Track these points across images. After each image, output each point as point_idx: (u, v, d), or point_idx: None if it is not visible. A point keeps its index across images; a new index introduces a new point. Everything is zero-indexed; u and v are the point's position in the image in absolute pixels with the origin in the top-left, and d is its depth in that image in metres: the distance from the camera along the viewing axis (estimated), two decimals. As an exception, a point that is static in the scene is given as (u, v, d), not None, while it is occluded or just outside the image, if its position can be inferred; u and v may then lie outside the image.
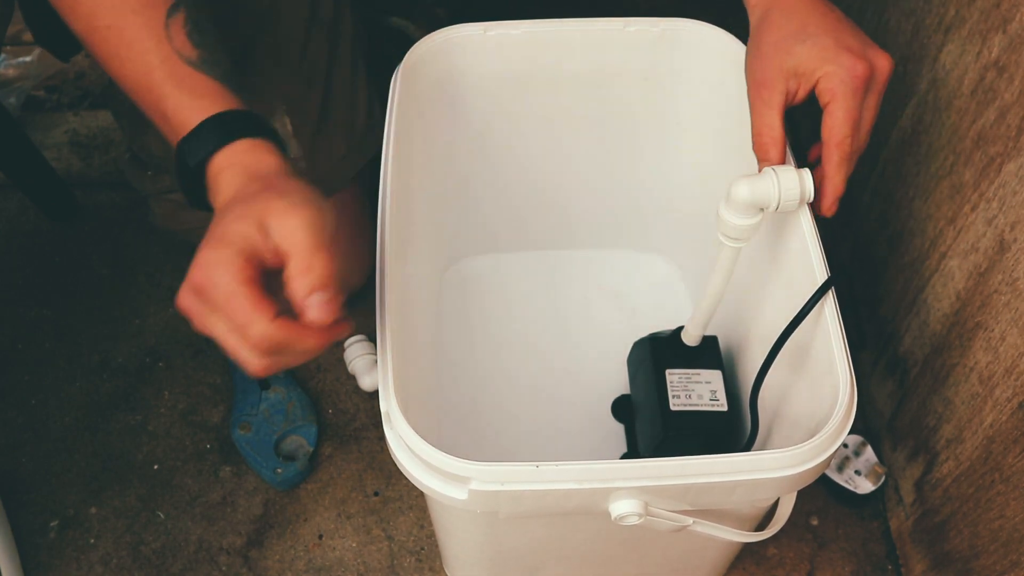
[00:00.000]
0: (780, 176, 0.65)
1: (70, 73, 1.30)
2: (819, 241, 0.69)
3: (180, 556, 0.91)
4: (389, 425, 0.62)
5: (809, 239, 0.69)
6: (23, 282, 1.09)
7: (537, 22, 0.82)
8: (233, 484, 0.95)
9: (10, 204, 1.16)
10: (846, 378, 0.63)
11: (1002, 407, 0.71)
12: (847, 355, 0.64)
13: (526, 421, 0.94)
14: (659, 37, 0.83)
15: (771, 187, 0.65)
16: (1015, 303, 0.68)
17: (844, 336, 0.65)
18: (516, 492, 0.59)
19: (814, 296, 0.67)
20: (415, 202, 0.83)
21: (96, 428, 0.99)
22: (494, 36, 0.82)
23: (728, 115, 0.84)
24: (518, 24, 0.82)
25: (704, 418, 0.80)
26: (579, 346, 0.99)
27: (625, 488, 0.60)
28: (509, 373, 0.97)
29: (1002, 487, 0.71)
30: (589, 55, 0.84)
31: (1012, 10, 0.69)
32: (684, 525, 0.64)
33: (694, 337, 0.82)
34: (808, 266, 0.68)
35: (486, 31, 0.82)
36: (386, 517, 0.93)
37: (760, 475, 0.60)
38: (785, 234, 0.73)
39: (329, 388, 1.01)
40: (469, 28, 0.82)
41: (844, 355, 0.64)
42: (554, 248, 1.05)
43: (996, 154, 0.71)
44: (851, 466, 0.92)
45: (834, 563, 0.90)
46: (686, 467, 0.60)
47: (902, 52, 0.88)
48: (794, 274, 0.72)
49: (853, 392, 0.63)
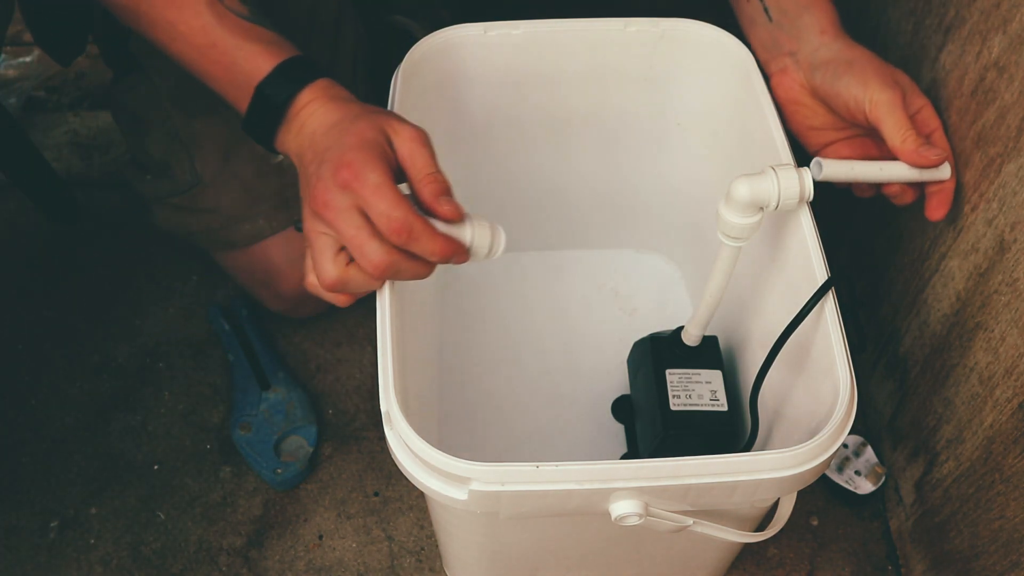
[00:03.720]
0: (780, 175, 0.65)
1: (70, 73, 1.30)
2: (819, 241, 0.69)
3: (180, 556, 0.91)
4: (389, 425, 0.62)
5: (809, 239, 0.69)
6: (23, 282, 1.09)
7: (537, 22, 0.82)
8: (233, 484, 0.95)
9: (10, 204, 1.16)
10: (846, 378, 0.63)
11: (1002, 407, 0.71)
12: (847, 355, 0.64)
13: (526, 421, 0.94)
14: (660, 37, 0.83)
15: (771, 186, 0.65)
16: (1015, 303, 0.68)
17: (844, 337, 0.65)
18: (516, 493, 0.59)
19: (814, 296, 0.67)
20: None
21: (96, 428, 0.99)
22: (495, 36, 0.82)
23: (728, 115, 0.84)
24: (518, 24, 0.82)
25: (704, 418, 0.80)
26: (579, 346, 0.99)
27: (625, 488, 0.60)
28: (509, 373, 0.97)
29: (1002, 487, 0.71)
30: (590, 55, 0.84)
31: (1012, 10, 0.69)
32: (684, 526, 0.64)
33: (694, 337, 0.82)
34: (808, 266, 0.69)
35: (486, 31, 0.82)
36: (386, 517, 0.93)
37: (760, 475, 0.60)
38: (785, 234, 0.73)
39: (329, 388, 1.01)
40: (470, 28, 0.82)
41: (844, 355, 0.64)
42: (554, 248, 1.05)
43: (996, 154, 0.71)
44: (851, 466, 0.92)
45: (834, 563, 0.90)
46: (686, 467, 0.60)
47: (902, 52, 0.88)
48: (794, 274, 0.72)
49: (853, 392, 0.63)
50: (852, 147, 0.77)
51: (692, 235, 0.97)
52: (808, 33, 0.76)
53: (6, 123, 1.01)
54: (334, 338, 1.05)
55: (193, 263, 1.08)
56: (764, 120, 0.76)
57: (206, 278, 1.08)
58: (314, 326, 1.05)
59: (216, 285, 1.07)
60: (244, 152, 0.92)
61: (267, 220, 0.94)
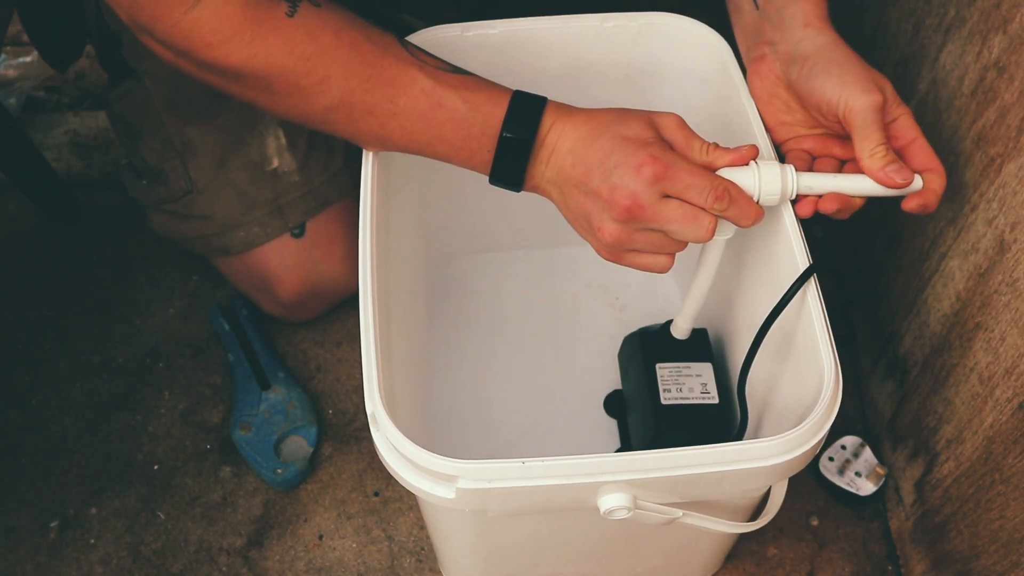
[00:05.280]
0: (762, 170, 0.66)
1: (70, 74, 1.30)
2: (801, 232, 0.69)
3: (180, 556, 0.91)
4: (376, 426, 0.62)
5: (791, 230, 0.69)
6: (23, 282, 1.09)
7: (515, 21, 0.82)
8: (233, 484, 0.95)
9: (10, 204, 1.16)
10: (830, 365, 0.63)
11: (1002, 407, 0.71)
12: (831, 342, 0.64)
13: (519, 419, 0.94)
14: (638, 32, 0.83)
15: (751, 181, 0.66)
16: (1015, 303, 0.68)
17: (828, 324, 0.65)
18: (504, 489, 0.60)
19: (796, 283, 0.67)
20: (400, 203, 0.83)
21: (96, 428, 0.99)
22: (473, 36, 0.82)
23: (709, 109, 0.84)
24: (495, 24, 0.82)
25: (696, 411, 0.80)
26: (570, 343, 0.99)
27: (613, 482, 0.60)
28: (500, 372, 0.97)
29: (1002, 487, 0.71)
30: (568, 52, 0.84)
31: (1012, 10, 0.69)
32: (674, 517, 0.65)
33: (683, 330, 0.82)
34: (791, 256, 0.69)
35: (464, 31, 0.82)
36: (386, 517, 0.93)
37: (748, 464, 0.61)
38: (769, 225, 0.73)
39: (329, 388, 1.01)
40: (449, 29, 0.82)
41: (828, 342, 0.64)
42: (541, 246, 1.05)
43: (996, 154, 0.71)
44: (851, 468, 0.92)
45: (834, 563, 0.90)
46: (673, 459, 0.60)
47: (902, 52, 0.88)
48: (778, 265, 0.72)
49: (838, 379, 0.63)
50: (816, 143, 0.74)
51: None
52: (792, 24, 0.74)
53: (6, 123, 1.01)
54: (334, 338, 1.05)
55: (193, 263, 1.08)
56: (745, 114, 0.76)
57: (206, 278, 1.08)
58: (314, 326, 1.05)
59: (216, 285, 1.07)
60: (238, 159, 0.92)
61: (261, 227, 0.94)
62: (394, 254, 0.78)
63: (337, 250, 0.96)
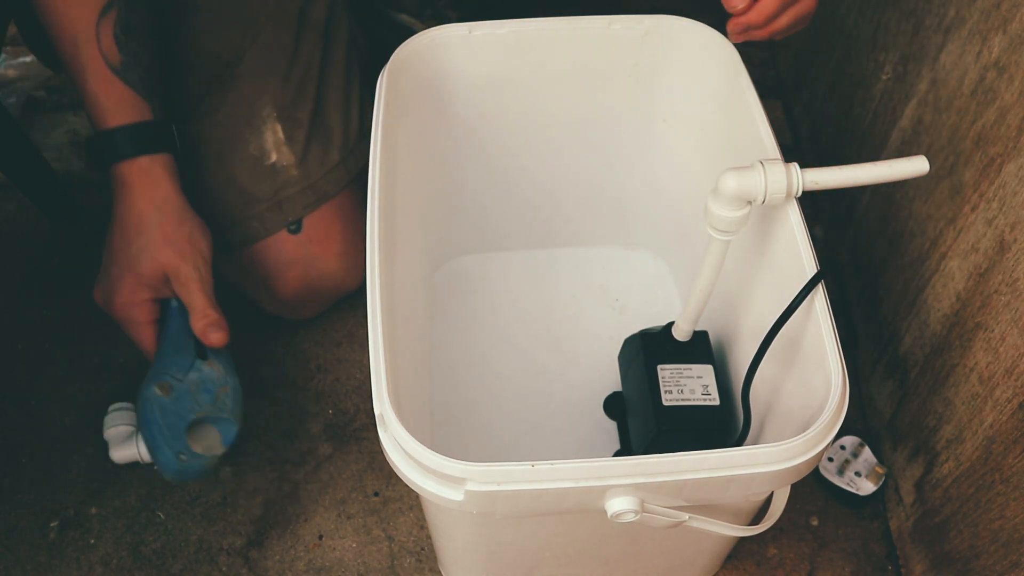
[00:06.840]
0: (768, 169, 0.66)
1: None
2: (807, 234, 0.69)
3: (180, 556, 0.91)
4: (384, 428, 0.62)
5: (797, 232, 0.69)
6: (23, 282, 1.09)
7: (522, 21, 0.82)
8: (233, 484, 0.95)
9: (10, 204, 1.16)
10: (838, 371, 0.63)
11: (1002, 407, 0.71)
12: (838, 349, 0.64)
13: (519, 420, 0.94)
14: (644, 34, 0.84)
15: (758, 179, 0.65)
16: (1015, 303, 0.68)
17: (835, 330, 0.65)
18: (512, 492, 0.59)
19: (803, 289, 0.67)
20: (404, 203, 0.83)
21: (96, 428, 0.98)
22: (479, 36, 0.82)
23: (713, 110, 0.84)
24: (503, 24, 0.82)
25: (696, 413, 0.80)
26: (570, 344, 0.99)
27: (621, 486, 0.60)
28: (501, 373, 0.97)
29: (1002, 487, 0.71)
30: (574, 53, 0.84)
31: (1012, 10, 0.69)
32: (680, 521, 0.65)
33: (685, 332, 0.82)
34: (797, 259, 0.69)
35: (471, 31, 0.82)
36: (386, 517, 0.93)
37: (755, 470, 0.60)
38: (773, 228, 0.73)
39: (329, 388, 1.01)
40: (455, 28, 0.82)
41: (836, 349, 0.64)
42: (543, 246, 1.05)
43: (996, 154, 0.71)
44: (851, 468, 0.92)
45: (834, 563, 0.90)
46: (681, 463, 0.60)
47: (902, 52, 0.88)
48: (783, 267, 0.72)
49: (845, 386, 0.63)
50: None
51: (680, 231, 0.97)
52: None
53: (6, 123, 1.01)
54: (334, 338, 1.05)
55: (193, 263, 1.08)
56: (750, 115, 0.76)
57: (206, 278, 1.08)
58: (314, 326, 1.05)
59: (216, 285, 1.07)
60: (237, 154, 0.92)
61: (261, 222, 0.94)
62: (398, 254, 0.78)
63: (334, 246, 0.97)
